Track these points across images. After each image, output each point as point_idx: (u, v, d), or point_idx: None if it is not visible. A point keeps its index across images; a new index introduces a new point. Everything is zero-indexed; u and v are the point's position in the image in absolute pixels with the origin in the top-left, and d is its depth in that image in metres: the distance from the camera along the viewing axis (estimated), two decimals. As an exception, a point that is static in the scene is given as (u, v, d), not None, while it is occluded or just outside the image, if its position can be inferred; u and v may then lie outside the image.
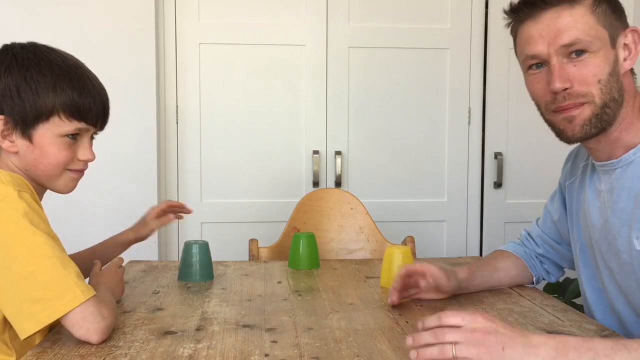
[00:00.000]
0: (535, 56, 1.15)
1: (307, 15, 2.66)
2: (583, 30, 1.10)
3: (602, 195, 1.22)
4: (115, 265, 1.37)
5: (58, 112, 1.11)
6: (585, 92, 1.11)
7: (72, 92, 1.12)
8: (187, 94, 2.64)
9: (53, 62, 1.13)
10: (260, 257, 2.05)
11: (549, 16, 1.12)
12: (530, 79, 1.19)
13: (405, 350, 1.06)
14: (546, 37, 1.12)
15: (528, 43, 1.15)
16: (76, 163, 1.18)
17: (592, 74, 1.10)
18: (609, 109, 1.12)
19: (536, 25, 1.13)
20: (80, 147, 1.17)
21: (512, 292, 1.46)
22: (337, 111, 2.70)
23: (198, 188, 2.67)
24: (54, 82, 1.11)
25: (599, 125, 1.13)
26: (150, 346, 1.07)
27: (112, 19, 2.49)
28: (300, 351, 1.05)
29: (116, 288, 1.30)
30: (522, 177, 2.79)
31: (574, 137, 1.16)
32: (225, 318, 1.25)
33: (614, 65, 1.12)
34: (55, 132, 1.12)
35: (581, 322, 1.23)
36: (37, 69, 1.11)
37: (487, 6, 2.73)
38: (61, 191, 1.21)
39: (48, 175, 1.16)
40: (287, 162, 2.70)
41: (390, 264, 1.52)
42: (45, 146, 1.13)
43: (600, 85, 1.11)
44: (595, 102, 1.11)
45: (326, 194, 2.25)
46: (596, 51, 1.10)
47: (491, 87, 2.75)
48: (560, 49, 1.11)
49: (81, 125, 1.15)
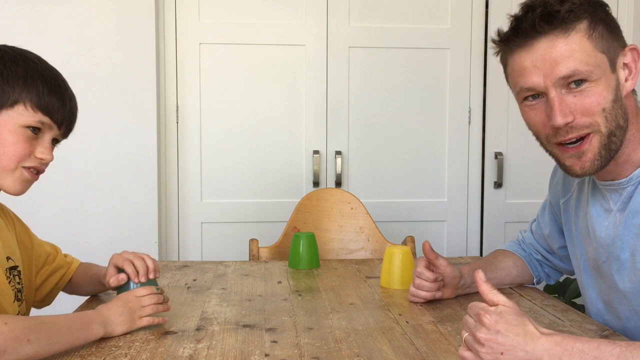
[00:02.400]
0: (532, 89, 1.07)
1: (307, 15, 2.66)
2: (581, 59, 1.03)
3: (612, 214, 1.16)
4: (133, 295, 1.18)
5: (24, 102, 1.10)
6: (589, 123, 1.05)
7: (42, 87, 1.11)
8: (187, 94, 2.64)
9: (29, 59, 1.14)
10: (260, 257, 2.05)
11: (543, 45, 1.04)
12: (528, 110, 1.12)
13: (406, 350, 1.06)
14: (542, 69, 1.05)
15: (522, 75, 1.08)
16: (32, 160, 1.13)
17: (596, 104, 1.04)
18: (615, 137, 1.06)
19: (529, 55, 1.06)
20: (40, 145, 1.13)
21: (513, 292, 1.46)
22: (337, 111, 2.69)
23: (198, 188, 2.67)
24: (26, 73, 1.11)
25: (608, 155, 1.07)
26: (150, 346, 1.07)
27: (112, 19, 2.49)
28: (300, 351, 1.05)
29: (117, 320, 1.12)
30: (522, 177, 2.79)
31: (585, 174, 1.09)
32: (226, 318, 1.25)
33: (616, 90, 1.06)
34: (17, 120, 1.10)
35: (581, 322, 1.23)
36: (12, 59, 1.12)
37: (487, 6, 2.73)
38: (8, 190, 1.13)
39: (1, 167, 1.11)
40: (287, 162, 2.70)
41: (391, 264, 1.52)
42: (5, 134, 1.10)
43: (605, 114, 1.04)
44: (601, 131, 1.05)
45: (326, 194, 2.25)
46: (597, 79, 1.04)
47: (491, 87, 2.75)
48: (558, 81, 1.04)
49: (45, 120, 1.12)
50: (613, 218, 1.16)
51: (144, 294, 1.18)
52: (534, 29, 1.04)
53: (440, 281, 1.35)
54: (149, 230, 2.54)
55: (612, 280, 1.17)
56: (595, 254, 1.21)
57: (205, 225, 2.68)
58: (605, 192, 1.17)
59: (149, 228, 2.54)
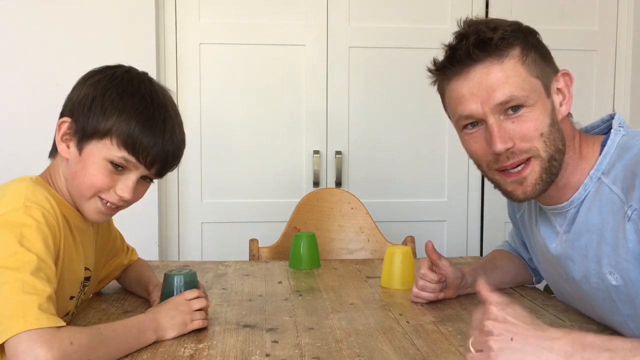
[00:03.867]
0: (470, 116, 1.09)
1: (307, 15, 2.66)
2: (517, 84, 1.04)
3: (560, 236, 1.18)
4: (184, 298, 1.17)
5: (111, 136, 1.08)
6: (529, 148, 1.06)
7: (135, 124, 1.08)
8: (187, 94, 2.64)
9: (139, 92, 1.11)
10: (260, 257, 2.05)
11: (479, 72, 1.06)
12: (467, 139, 1.13)
13: (406, 350, 1.06)
14: (479, 96, 1.06)
15: (460, 103, 1.09)
16: (111, 195, 1.12)
17: (534, 129, 1.05)
18: (555, 161, 1.08)
19: (466, 83, 1.08)
20: (122, 181, 1.11)
21: (514, 292, 1.46)
22: (337, 111, 2.69)
23: (198, 188, 2.67)
24: (125, 108, 1.09)
25: (549, 179, 1.09)
26: (151, 346, 1.07)
27: (112, 18, 2.49)
28: (301, 351, 1.05)
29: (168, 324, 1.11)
30: (522, 177, 2.79)
31: (527, 198, 1.11)
32: (226, 318, 1.25)
33: (552, 114, 1.07)
34: (102, 153, 1.09)
35: (582, 322, 1.23)
36: (118, 90, 1.10)
37: (487, 6, 2.73)
38: (88, 217, 1.15)
39: (79, 193, 1.12)
40: (287, 162, 2.69)
41: (391, 264, 1.52)
42: (89, 163, 1.09)
43: (544, 139, 1.06)
44: (541, 155, 1.07)
45: (326, 194, 2.25)
46: (533, 104, 1.05)
47: (491, 87, 2.75)
48: (495, 108, 1.05)
49: (130, 159, 1.10)
50: (560, 239, 1.18)
51: (193, 297, 1.17)
52: (469, 56, 1.06)
53: (443, 282, 1.35)
54: (149, 230, 2.54)
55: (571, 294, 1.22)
56: (553, 269, 1.24)
57: (205, 225, 2.68)
58: (551, 216, 1.19)
59: (149, 228, 2.54)
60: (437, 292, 1.34)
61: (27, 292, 0.92)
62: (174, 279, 1.20)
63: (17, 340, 0.89)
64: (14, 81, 2.45)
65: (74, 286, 1.16)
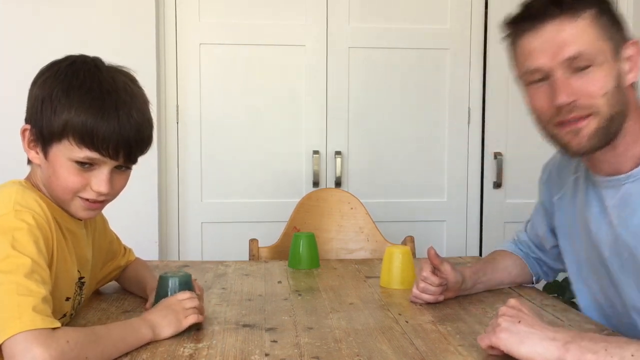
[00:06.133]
0: (538, 69, 1.10)
1: (307, 15, 2.66)
2: (587, 43, 1.06)
3: (609, 210, 1.16)
4: (176, 299, 1.16)
5: (68, 136, 1.05)
6: (591, 105, 1.07)
7: (86, 118, 1.04)
8: (187, 94, 2.64)
9: (85, 84, 1.06)
10: (260, 257, 2.05)
11: (551, 29, 1.07)
12: (532, 93, 1.14)
13: (405, 350, 1.07)
14: (549, 50, 1.07)
15: (529, 57, 1.10)
16: (88, 192, 1.09)
17: (599, 87, 1.06)
18: (615, 121, 1.08)
19: (537, 38, 1.09)
20: (95, 176, 1.08)
21: (512, 292, 1.46)
22: (337, 111, 2.69)
23: (198, 188, 2.67)
24: (72, 103, 1.04)
25: (606, 138, 1.09)
26: (150, 345, 1.07)
27: (112, 19, 2.49)
28: (300, 351, 1.05)
29: (162, 322, 1.11)
30: (522, 177, 2.79)
31: (581, 150, 1.11)
32: (226, 318, 1.25)
33: (617, 78, 1.08)
34: (65, 154, 1.06)
35: (581, 322, 1.23)
36: (63, 87, 1.06)
37: (487, 6, 2.73)
38: (77, 215, 1.14)
39: (58, 196, 1.10)
40: (287, 162, 2.70)
41: (390, 264, 1.52)
42: (57, 166, 1.07)
43: (607, 98, 1.07)
44: (601, 114, 1.07)
45: (326, 194, 2.26)
46: (600, 64, 1.06)
47: (491, 87, 2.74)
48: (564, 63, 1.07)
49: (93, 155, 1.06)
50: (609, 217, 1.16)
51: (186, 298, 1.16)
52: (544, 12, 1.08)
53: (444, 285, 1.35)
54: (149, 230, 2.54)
55: (613, 277, 1.18)
56: (594, 252, 1.21)
57: (205, 225, 2.68)
58: (602, 190, 1.18)
59: (149, 228, 2.54)
60: (437, 295, 1.34)
61: (21, 294, 0.93)
62: (168, 281, 1.19)
63: (14, 342, 0.89)
64: (14, 81, 2.45)
65: (69, 287, 1.15)
